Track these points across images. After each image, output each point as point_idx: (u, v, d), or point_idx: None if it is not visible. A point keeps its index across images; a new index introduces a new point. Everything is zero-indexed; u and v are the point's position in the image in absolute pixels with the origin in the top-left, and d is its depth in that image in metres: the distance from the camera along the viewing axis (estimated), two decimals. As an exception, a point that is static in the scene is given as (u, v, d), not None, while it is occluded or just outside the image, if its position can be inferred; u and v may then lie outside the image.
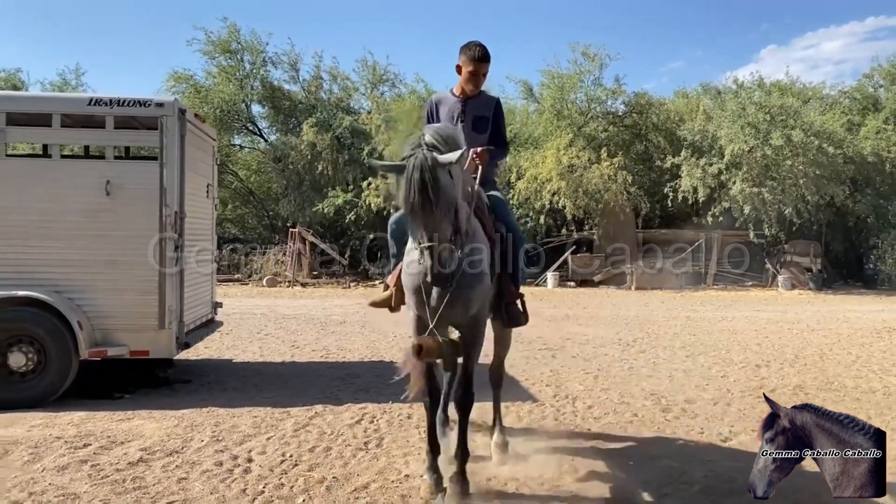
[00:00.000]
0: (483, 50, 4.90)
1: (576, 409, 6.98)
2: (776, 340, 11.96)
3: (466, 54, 4.92)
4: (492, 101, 5.18)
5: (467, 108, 5.03)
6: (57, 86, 30.98)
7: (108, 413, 6.45)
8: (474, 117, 5.03)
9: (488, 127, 5.09)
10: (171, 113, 6.98)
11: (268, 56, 28.51)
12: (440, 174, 3.79)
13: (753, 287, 24.91)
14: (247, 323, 13.05)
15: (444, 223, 3.82)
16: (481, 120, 5.06)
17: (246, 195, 29.78)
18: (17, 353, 6.69)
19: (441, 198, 3.77)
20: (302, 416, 6.43)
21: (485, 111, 5.09)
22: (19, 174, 6.87)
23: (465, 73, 4.98)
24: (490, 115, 5.10)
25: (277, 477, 4.83)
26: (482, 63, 4.93)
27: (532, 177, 25.05)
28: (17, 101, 7.62)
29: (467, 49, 4.92)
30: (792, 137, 23.31)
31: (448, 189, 3.83)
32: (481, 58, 4.91)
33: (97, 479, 4.72)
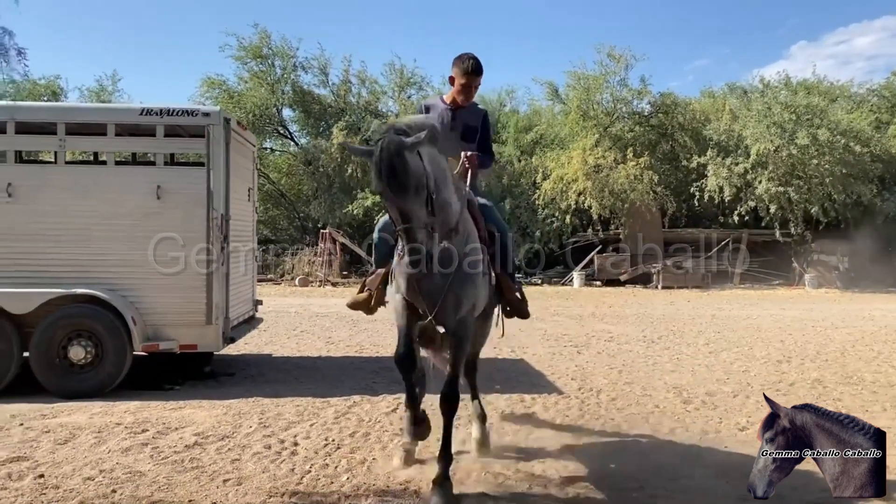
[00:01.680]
0: (476, 63, 5.00)
1: (600, 400, 7.31)
2: (799, 337, 12.16)
3: (459, 67, 5.01)
4: (480, 113, 5.28)
5: (457, 118, 5.13)
6: (94, 92, 31.89)
7: (161, 402, 6.92)
8: (464, 126, 5.14)
9: (476, 137, 5.20)
10: (216, 122, 7.45)
11: (298, 61, 29.17)
12: (408, 156, 3.80)
13: (780, 286, 24.95)
14: (282, 320, 13.54)
15: (415, 205, 3.83)
16: (470, 130, 5.17)
17: (277, 197, 30.40)
18: (76, 346, 7.18)
19: (410, 180, 3.78)
20: (341, 405, 6.85)
21: (474, 121, 5.20)
22: (77, 180, 7.39)
23: (457, 85, 5.08)
24: (478, 126, 5.21)
25: (322, 458, 5.25)
26: (474, 76, 5.03)
27: (558, 177, 25.33)
28: (75, 113, 8.13)
29: (460, 62, 5.01)
30: (818, 136, 23.35)
31: (417, 171, 3.83)
32: (473, 70, 5.00)
33: (158, 460, 5.17)
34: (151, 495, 4.47)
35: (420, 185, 3.85)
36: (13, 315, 7.07)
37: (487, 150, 5.33)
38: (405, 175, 3.77)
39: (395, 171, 3.75)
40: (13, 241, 7.19)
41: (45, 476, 4.78)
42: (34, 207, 7.22)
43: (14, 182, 7.22)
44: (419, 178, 3.84)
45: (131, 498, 4.42)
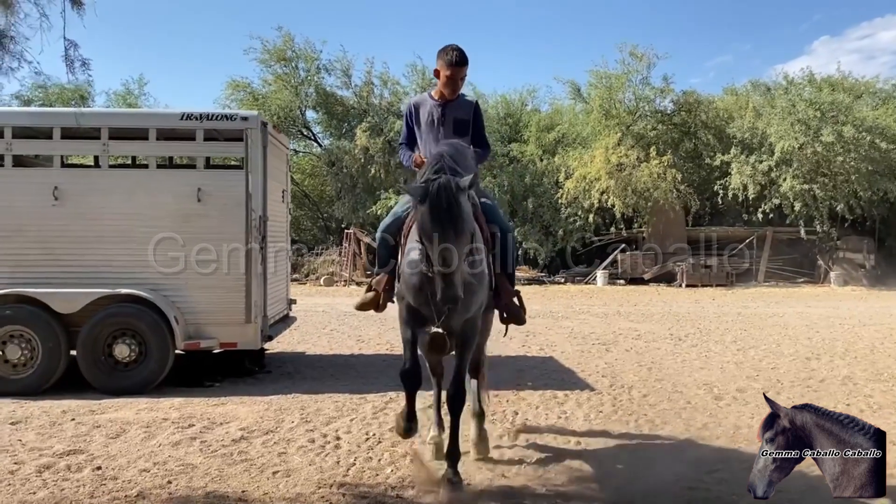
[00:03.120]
0: (460, 54, 4.88)
1: (632, 397, 7.42)
2: (827, 335, 12.17)
3: (444, 59, 4.90)
4: (470, 105, 5.16)
5: (447, 112, 5.02)
6: (121, 95, 32.38)
7: (203, 399, 7.13)
8: (454, 120, 5.02)
9: (469, 130, 5.09)
10: (254, 126, 7.65)
11: (321, 63, 29.36)
12: (462, 199, 3.74)
13: (805, 284, 24.83)
14: (311, 319, 13.74)
15: (462, 248, 3.79)
16: (461, 123, 5.05)
17: (301, 198, 30.68)
18: (121, 345, 7.41)
19: (463, 224, 3.74)
20: (378, 401, 7.02)
21: (464, 114, 5.08)
22: (121, 184, 7.62)
23: (442, 78, 4.96)
24: (470, 118, 5.10)
25: (365, 452, 5.42)
26: (459, 67, 4.91)
27: (581, 176, 25.36)
28: (118, 118, 8.39)
29: (444, 54, 4.91)
30: (843, 133, 23.20)
31: (468, 214, 3.80)
32: (458, 62, 4.89)
33: (208, 453, 5.36)
34: (206, 486, 4.66)
35: (469, 227, 3.82)
36: (60, 314, 7.31)
37: (482, 142, 5.22)
38: (460, 218, 3.71)
39: (452, 216, 3.67)
40: (60, 243, 7.43)
41: (103, 468, 4.99)
42: (80, 210, 7.46)
43: (60, 186, 7.47)
44: (469, 220, 3.79)
45: (187, 488, 4.61)
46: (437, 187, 3.77)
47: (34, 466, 5.00)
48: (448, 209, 3.71)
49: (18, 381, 7.26)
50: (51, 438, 5.73)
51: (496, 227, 4.87)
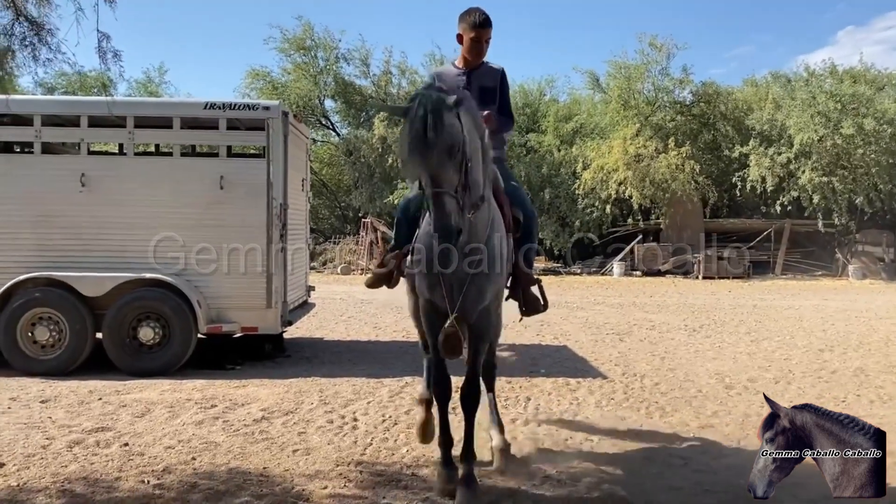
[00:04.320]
0: (484, 15, 4.59)
1: (643, 385, 7.53)
2: (842, 327, 12.19)
3: (467, 21, 4.59)
4: (497, 72, 4.82)
5: (472, 80, 4.68)
6: (142, 83, 32.79)
7: (225, 381, 7.33)
8: (480, 88, 4.64)
9: (496, 99, 4.75)
10: (276, 115, 7.82)
11: (340, 52, 29.57)
12: (446, 115, 3.48)
13: (823, 277, 24.73)
14: (329, 307, 13.94)
15: (450, 169, 3.50)
16: (487, 91, 4.70)
17: (319, 187, 30.92)
18: (145, 328, 7.63)
19: (447, 139, 3.46)
20: (394, 385, 7.18)
21: (490, 82, 4.76)
22: (146, 171, 7.83)
23: (466, 42, 4.64)
24: (496, 86, 4.78)
25: (381, 433, 5.58)
26: (484, 29, 4.60)
27: (598, 167, 25.37)
28: (143, 107, 8.59)
29: (467, 15, 4.60)
30: (864, 126, 23.05)
31: (454, 131, 3.51)
32: (482, 23, 4.58)
33: (231, 432, 5.55)
34: (228, 462, 4.84)
35: (456, 147, 3.53)
36: (87, 298, 7.54)
37: (507, 113, 4.88)
38: (443, 132, 3.44)
39: (434, 127, 3.41)
40: (87, 229, 7.64)
41: (130, 444, 5.19)
42: (106, 197, 7.66)
43: (87, 173, 7.67)
44: (456, 140, 3.52)
45: (210, 465, 4.79)
46: (419, 100, 3.50)
47: (65, 442, 5.21)
48: (431, 122, 3.42)
49: (47, 362, 7.51)
50: (79, 416, 5.95)
51: (519, 212, 4.59)
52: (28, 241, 7.61)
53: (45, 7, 4.90)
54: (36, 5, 5.04)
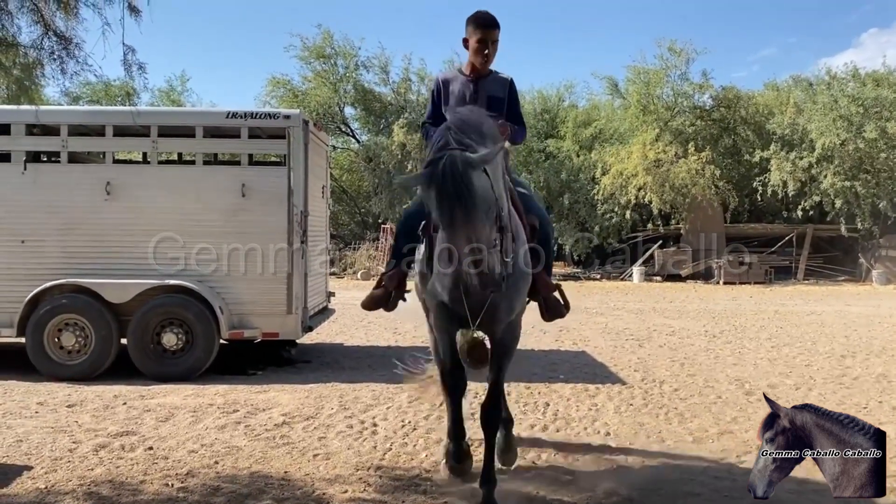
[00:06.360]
0: (490, 15, 4.39)
1: (663, 391, 7.52)
2: (865, 333, 12.08)
3: (472, 23, 4.40)
4: (506, 81, 4.64)
5: (479, 88, 4.52)
6: (164, 92, 33.19)
7: (246, 386, 7.42)
8: (488, 97, 4.48)
9: (504, 108, 4.57)
10: (297, 124, 7.92)
11: (360, 60, 29.72)
12: (474, 177, 3.21)
13: (846, 282, 24.47)
14: (349, 312, 13.93)
15: (487, 227, 3.32)
16: (496, 101, 4.51)
17: (339, 194, 31.10)
18: (169, 333, 7.75)
19: (480, 205, 3.22)
20: (414, 391, 7.23)
21: (499, 92, 4.58)
22: (169, 179, 7.96)
23: (473, 45, 4.44)
24: (505, 97, 4.59)
25: (401, 438, 5.64)
26: (490, 29, 4.39)
27: (618, 172, 25.30)
28: (167, 116, 8.74)
29: (473, 17, 4.40)
30: (887, 129, 22.84)
31: (487, 194, 3.30)
32: (488, 23, 4.38)
33: (252, 436, 5.63)
34: (250, 466, 4.92)
35: (491, 208, 3.35)
36: (112, 304, 7.67)
37: (519, 122, 4.69)
38: (475, 200, 3.20)
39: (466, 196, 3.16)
40: (112, 236, 7.76)
41: (154, 448, 5.29)
42: (131, 204, 7.79)
43: (112, 181, 7.81)
44: (490, 200, 3.33)
45: (233, 468, 4.88)
46: (442, 168, 3.19)
47: (91, 446, 5.32)
48: (457, 193, 3.15)
49: (73, 367, 7.65)
50: (105, 420, 6.07)
51: (535, 218, 4.44)
52: (55, 248, 7.75)
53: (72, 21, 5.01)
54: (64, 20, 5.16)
